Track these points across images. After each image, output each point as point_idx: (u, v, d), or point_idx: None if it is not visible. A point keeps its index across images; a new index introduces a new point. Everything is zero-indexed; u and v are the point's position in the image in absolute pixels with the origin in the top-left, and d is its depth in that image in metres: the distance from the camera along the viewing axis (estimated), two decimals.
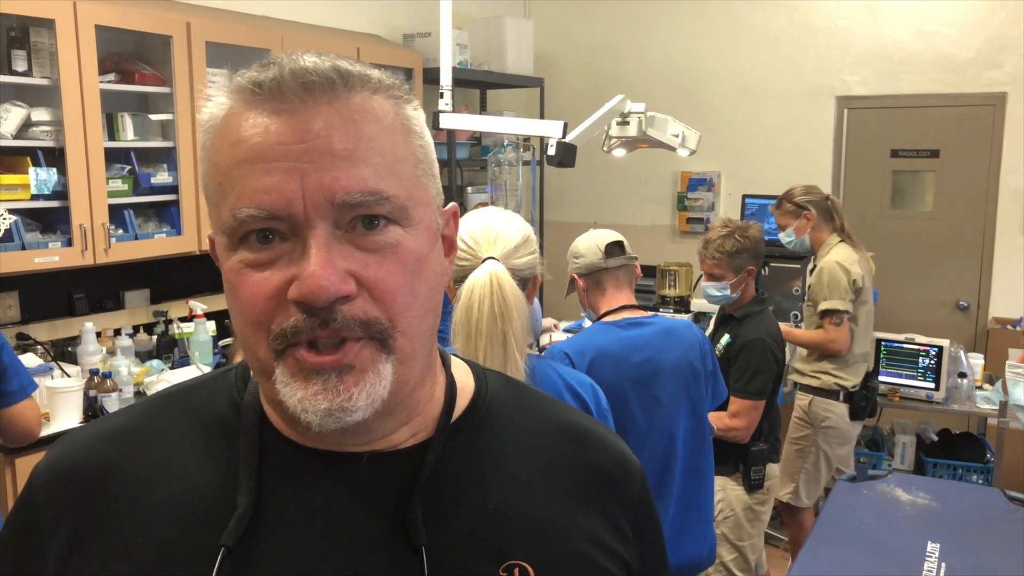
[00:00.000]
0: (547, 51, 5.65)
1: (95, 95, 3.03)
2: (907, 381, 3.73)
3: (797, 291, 4.21)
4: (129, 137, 3.27)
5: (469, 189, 4.99)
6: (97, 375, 2.93)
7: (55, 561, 0.67)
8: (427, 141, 0.69)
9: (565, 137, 2.42)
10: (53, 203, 2.99)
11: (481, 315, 1.41)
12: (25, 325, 3.20)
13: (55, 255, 2.97)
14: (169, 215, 3.42)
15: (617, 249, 2.19)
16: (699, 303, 4.50)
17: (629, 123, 2.70)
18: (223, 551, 0.63)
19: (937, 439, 4.13)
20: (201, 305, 3.47)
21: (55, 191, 2.98)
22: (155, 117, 3.37)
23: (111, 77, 3.18)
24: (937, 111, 4.79)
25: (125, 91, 3.27)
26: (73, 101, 2.96)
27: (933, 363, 3.68)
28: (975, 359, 3.93)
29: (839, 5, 4.95)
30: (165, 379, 3.18)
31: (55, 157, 3.00)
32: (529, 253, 1.57)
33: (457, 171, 4.84)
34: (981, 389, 3.80)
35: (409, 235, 0.64)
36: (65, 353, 3.19)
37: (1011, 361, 3.70)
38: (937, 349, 3.67)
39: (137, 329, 3.50)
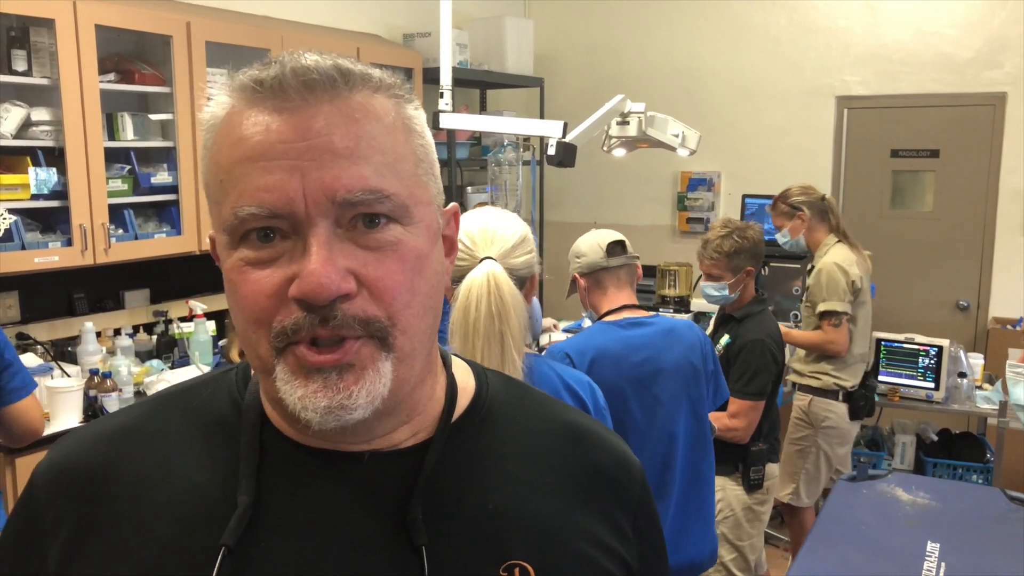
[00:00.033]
0: (547, 51, 5.65)
1: (95, 95, 3.03)
2: (907, 381, 3.73)
3: (797, 291, 4.21)
4: (129, 137, 3.27)
5: (469, 189, 4.99)
6: (97, 375, 2.93)
7: (56, 561, 0.67)
8: (428, 140, 0.69)
9: (565, 137, 2.42)
10: (53, 203, 2.99)
11: (479, 315, 1.41)
12: (25, 325, 3.20)
13: (55, 255, 2.97)
14: (169, 215, 3.42)
15: (619, 248, 2.19)
16: (699, 303, 4.50)
17: (629, 123, 2.70)
18: (223, 551, 0.63)
19: (937, 439, 4.13)
20: (201, 305, 3.47)
21: (55, 191, 2.98)
22: (155, 117, 3.37)
23: (111, 77, 3.18)
24: (937, 111, 4.79)
25: (125, 91, 3.27)
26: (73, 101, 2.96)
27: (933, 363, 3.68)
28: (975, 359, 3.93)
29: (839, 5, 4.95)
30: (165, 379, 3.18)
31: (55, 157, 3.00)
32: (526, 252, 1.57)
33: (457, 171, 4.84)
34: (981, 389, 3.80)
35: (410, 234, 0.64)
36: (65, 353, 3.19)
37: (1011, 361, 3.70)
38: (937, 349, 3.67)
39: (137, 329, 3.50)
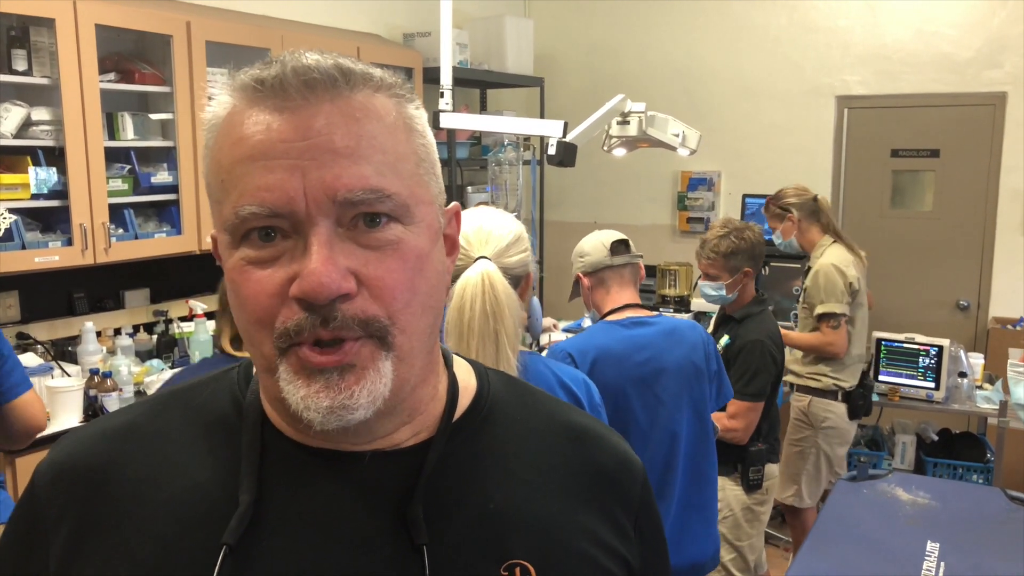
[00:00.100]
0: (547, 51, 5.65)
1: (95, 94, 3.03)
2: (907, 381, 3.73)
3: (797, 291, 4.21)
4: (129, 136, 3.27)
5: (469, 189, 4.99)
6: (97, 375, 2.93)
7: (57, 559, 0.67)
8: (429, 140, 0.69)
9: (565, 137, 2.42)
10: (53, 202, 2.99)
11: (473, 314, 1.42)
12: (25, 325, 3.20)
13: (55, 254, 2.97)
14: (169, 214, 3.42)
15: (622, 248, 2.19)
16: (699, 303, 4.50)
17: (629, 123, 2.70)
18: (224, 549, 0.63)
19: (937, 439, 4.13)
20: (201, 304, 3.46)
21: (55, 190, 2.98)
22: (155, 116, 3.37)
23: (111, 76, 3.18)
24: (937, 111, 4.79)
25: (125, 90, 3.27)
26: (73, 100, 2.96)
27: (933, 363, 3.68)
28: (975, 359, 3.93)
29: (839, 5, 4.94)
30: (165, 379, 3.17)
31: (55, 156, 3.00)
32: (521, 251, 1.58)
33: (457, 171, 4.84)
34: (981, 389, 3.80)
35: (410, 233, 0.64)
36: (65, 353, 3.19)
37: (1013, 360, 3.70)
38: (937, 349, 3.67)
39: (137, 329, 3.50)
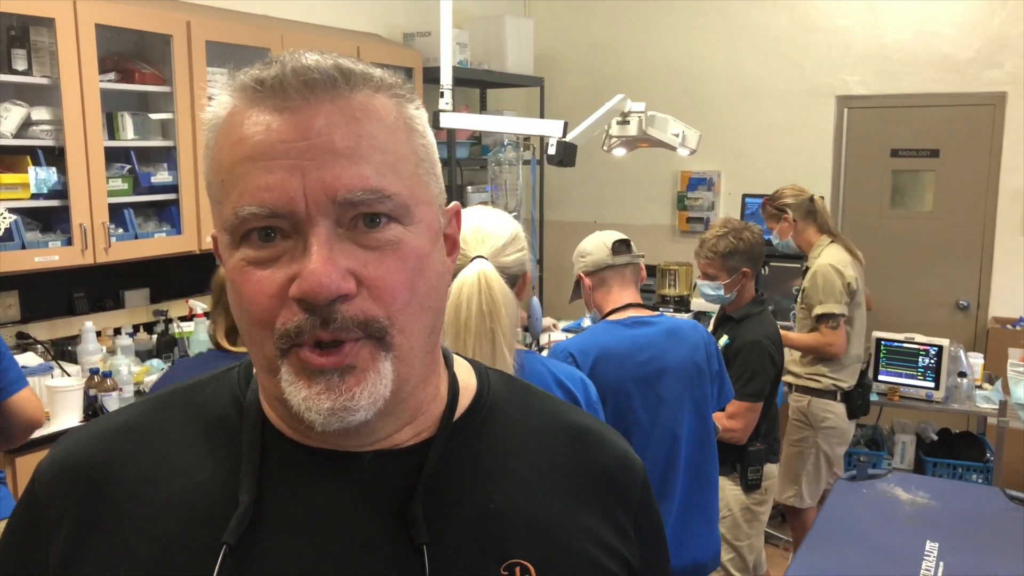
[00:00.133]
0: (547, 50, 5.65)
1: (95, 94, 3.03)
2: (907, 380, 3.73)
3: (797, 290, 4.21)
4: (129, 136, 3.27)
5: (469, 188, 4.99)
6: (97, 374, 2.93)
7: (57, 559, 0.67)
8: (429, 140, 0.69)
9: (565, 136, 2.42)
10: (53, 202, 2.99)
11: (470, 313, 1.42)
12: (25, 324, 3.20)
13: (55, 254, 2.97)
14: (169, 214, 3.42)
15: (624, 247, 2.20)
16: (699, 303, 4.50)
17: (629, 122, 2.70)
18: (225, 549, 0.63)
19: (937, 438, 4.14)
20: (201, 304, 3.46)
21: (55, 190, 2.98)
22: (155, 116, 3.37)
23: (111, 76, 3.18)
24: (937, 111, 4.79)
25: (125, 90, 3.27)
26: (73, 100, 2.96)
27: (933, 362, 3.68)
28: (975, 358, 3.93)
29: (839, 5, 4.94)
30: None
31: (55, 156, 3.00)
32: (518, 251, 1.58)
33: (457, 170, 4.84)
34: (981, 388, 3.80)
35: (410, 233, 0.64)
36: (65, 352, 3.19)
37: (1013, 360, 3.70)
38: (937, 348, 3.67)
39: (137, 328, 3.50)
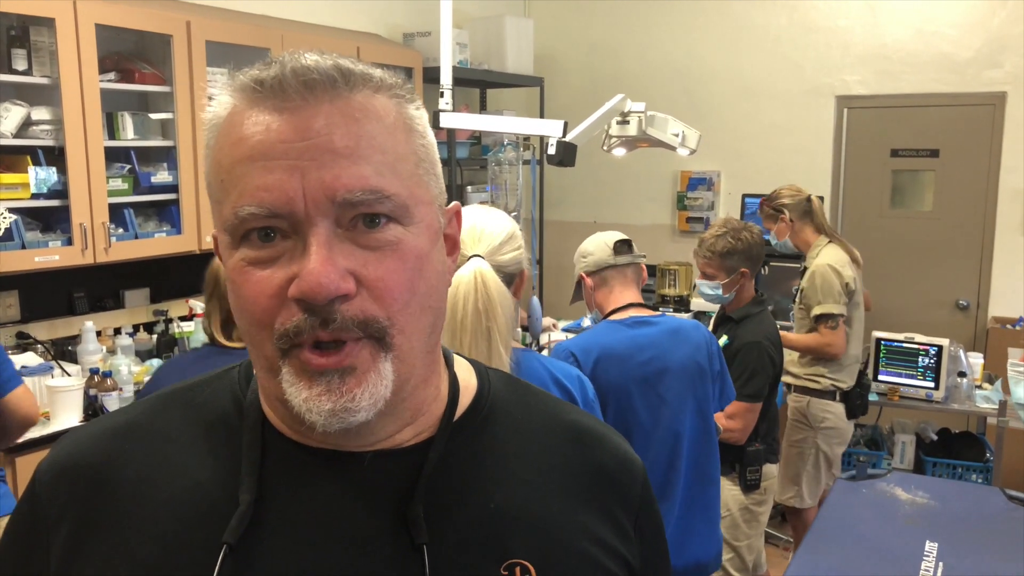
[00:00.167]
0: (547, 50, 5.65)
1: (95, 94, 3.03)
2: (907, 380, 3.73)
3: (796, 290, 4.20)
4: (129, 136, 3.27)
5: (469, 188, 4.99)
6: (97, 374, 2.93)
7: (58, 558, 0.67)
8: (429, 140, 0.69)
9: (565, 136, 2.42)
10: (53, 202, 2.99)
11: (466, 312, 1.43)
12: (25, 324, 3.21)
13: (55, 254, 2.97)
14: (169, 214, 3.42)
15: (626, 247, 2.20)
16: (698, 303, 4.50)
17: (629, 122, 2.70)
18: (225, 548, 0.63)
19: (937, 438, 4.14)
20: (201, 304, 3.46)
21: (55, 190, 2.98)
22: (155, 116, 3.37)
23: (111, 76, 3.18)
24: (937, 111, 4.79)
25: (125, 90, 3.27)
26: (73, 100, 2.96)
27: (933, 362, 3.68)
28: (975, 358, 3.93)
29: (839, 5, 4.94)
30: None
31: (55, 156, 3.00)
32: (514, 249, 1.58)
33: (457, 170, 4.84)
34: (981, 388, 3.80)
35: (410, 233, 0.64)
36: (65, 352, 3.19)
37: (1013, 360, 3.70)
38: (937, 348, 3.67)
39: (137, 328, 3.50)
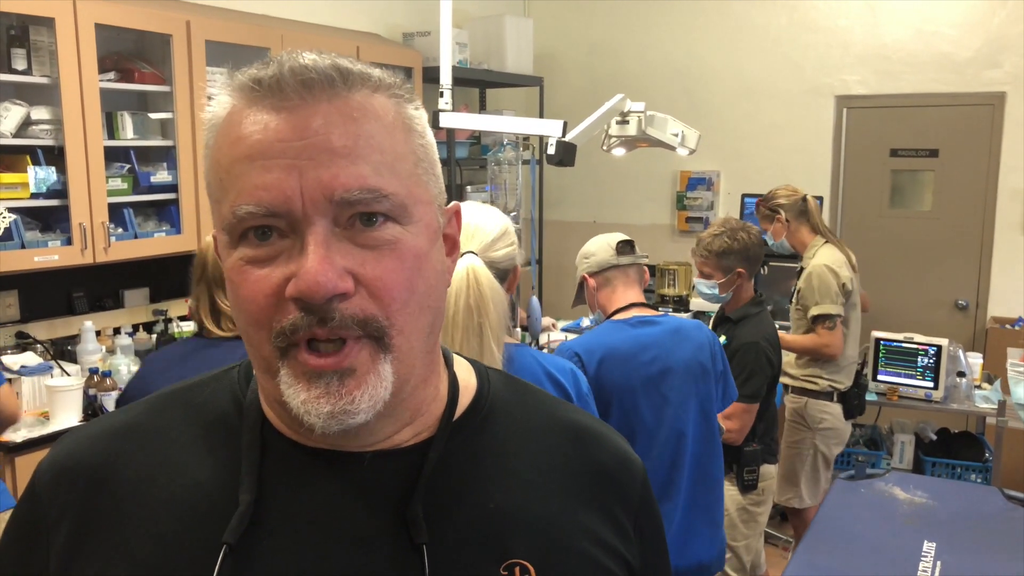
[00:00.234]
0: (547, 50, 5.65)
1: (95, 94, 3.03)
2: (906, 380, 3.73)
3: (794, 290, 4.20)
4: (129, 136, 3.27)
5: (469, 188, 4.99)
6: (97, 374, 2.93)
7: (58, 558, 0.67)
8: (428, 140, 0.69)
9: (565, 136, 2.42)
10: (53, 202, 2.99)
11: (457, 309, 1.44)
12: (25, 324, 3.20)
13: (55, 254, 2.97)
14: (169, 214, 3.42)
15: (628, 248, 2.21)
16: (698, 302, 4.50)
17: (629, 122, 2.70)
18: (225, 548, 0.63)
19: (936, 438, 4.14)
20: None
21: (54, 190, 2.98)
22: (155, 116, 3.37)
23: (111, 76, 3.18)
24: (937, 111, 4.79)
25: (125, 90, 3.27)
26: (73, 100, 2.96)
27: (932, 362, 3.68)
28: (974, 358, 3.93)
29: (839, 5, 4.95)
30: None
31: (55, 156, 3.00)
32: (507, 245, 1.59)
33: (457, 170, 4.84)
34: (980, 388, 3.80)
35: (408, 233, 0.64)
36: (65, 352, 3.19)
37: (1013, 360, 3.70)
38: (936, 348, 3.67)
39: (137, 328, 3.50)
